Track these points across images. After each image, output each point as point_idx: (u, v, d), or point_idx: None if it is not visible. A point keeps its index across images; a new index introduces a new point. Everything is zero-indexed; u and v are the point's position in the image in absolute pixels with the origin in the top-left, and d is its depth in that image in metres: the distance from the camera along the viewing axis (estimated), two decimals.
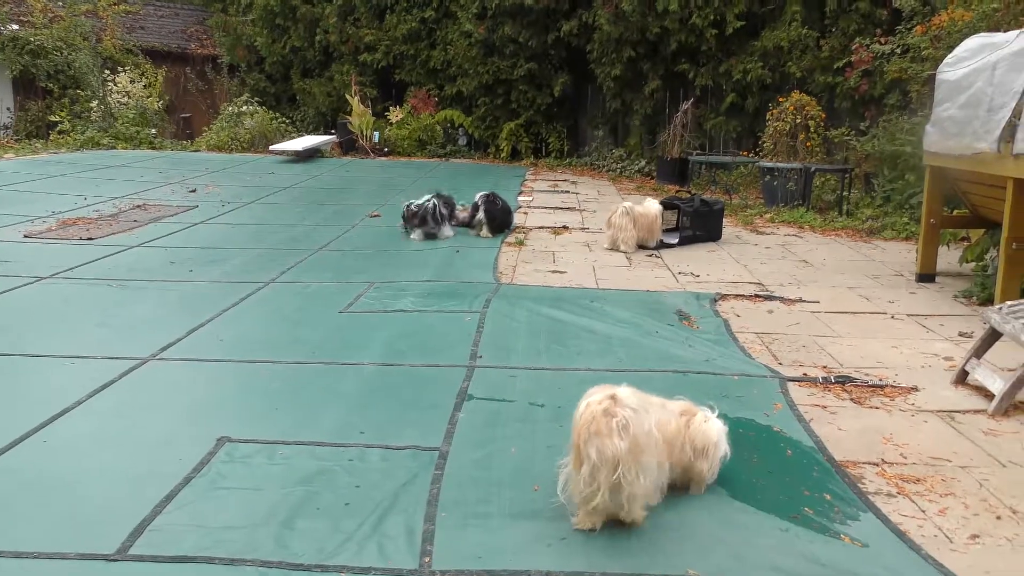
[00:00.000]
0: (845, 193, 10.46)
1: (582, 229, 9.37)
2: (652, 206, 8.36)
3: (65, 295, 6.16)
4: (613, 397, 2.87)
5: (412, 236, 8.53)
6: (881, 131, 10.47)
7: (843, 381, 4.57)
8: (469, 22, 16.63)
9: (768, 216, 10.33)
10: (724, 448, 3.26)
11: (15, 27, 19.74)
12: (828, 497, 3.26)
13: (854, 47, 11.45)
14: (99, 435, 3.71)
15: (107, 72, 19.77)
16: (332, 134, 17.95)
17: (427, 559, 2.74)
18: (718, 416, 3.34)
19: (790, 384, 4.50)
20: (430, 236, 8.49)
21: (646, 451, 2.85)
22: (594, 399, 2.89)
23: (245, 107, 18.44)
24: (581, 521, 2.95)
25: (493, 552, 2.79)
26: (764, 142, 11.70)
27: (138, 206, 10.33)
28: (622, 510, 2.91)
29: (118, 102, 18.83)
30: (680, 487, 3.25)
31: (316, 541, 2.83)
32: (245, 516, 2.98)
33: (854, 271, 7.41)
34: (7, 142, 18.46)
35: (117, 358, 4.67)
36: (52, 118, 18.82)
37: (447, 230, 8.63)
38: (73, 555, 2.72)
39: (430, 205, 8.50)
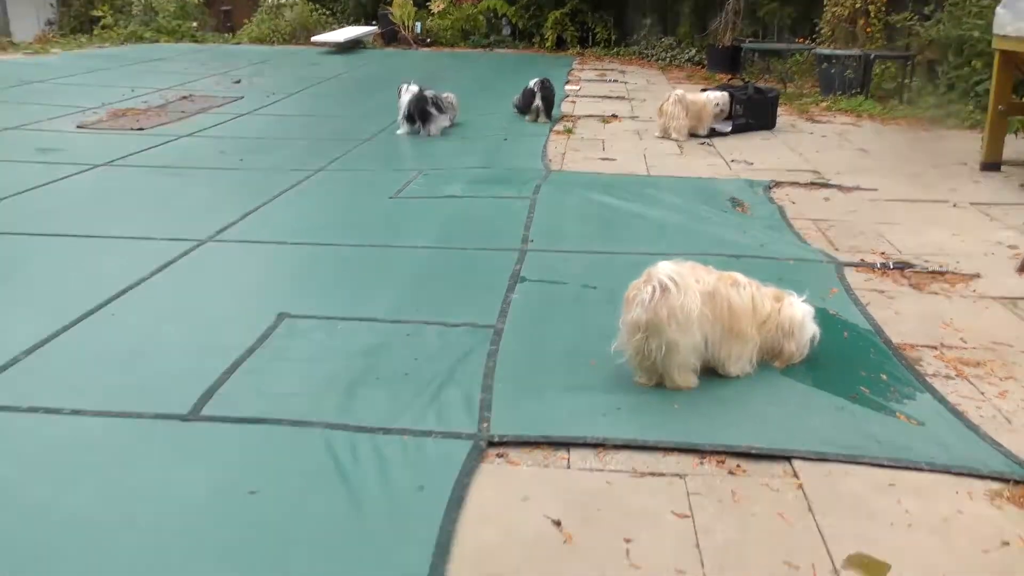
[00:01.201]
0: (906, 81, 10.04)
1: (631, 118, 9.17)
2: (704, 94, 8.13)
3: (121, 181, 6.25)
4: (649, 272, 3.01)
5: (399, 131, 8.11)
6: (947, 15, 9.93)
7: (902, 267, 4.48)
8: None
9: (824, 105, 9.99)
10: (812, 329, 3.29)
11: None
12: (884, 377, 3.24)
13: None
14: (163, 310, 3.81)
15: None
16: (373, 25, 17.60)
17: (485, 424, 2.80)
18: (805, 300, 3.35)
19: (847, 269, 4.43)
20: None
21: (670, 327, 2.92)
22: (653, 267, 3.02)
23: None
24: (637, 377, 3.13)
25: (549, 421, 2.85)
26: (821, 28, 11.21)
27: (184, 97, 10.33)
28: (661, 376, 3.06)
29: None
30: (769, 360, 3.30)
31: (377, 407, 2.91)
32: (308, 384, 3.07)
33: (914, 160, 7.18)
34: (53, 37, 18.44)
35: (176, 239, 4.75)
36: (95, 13, 18.70)
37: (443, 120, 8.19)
38: (150, 414, 2.83)
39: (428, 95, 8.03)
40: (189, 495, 2.41)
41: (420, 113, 7.98)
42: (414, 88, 8.04)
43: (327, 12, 18.55)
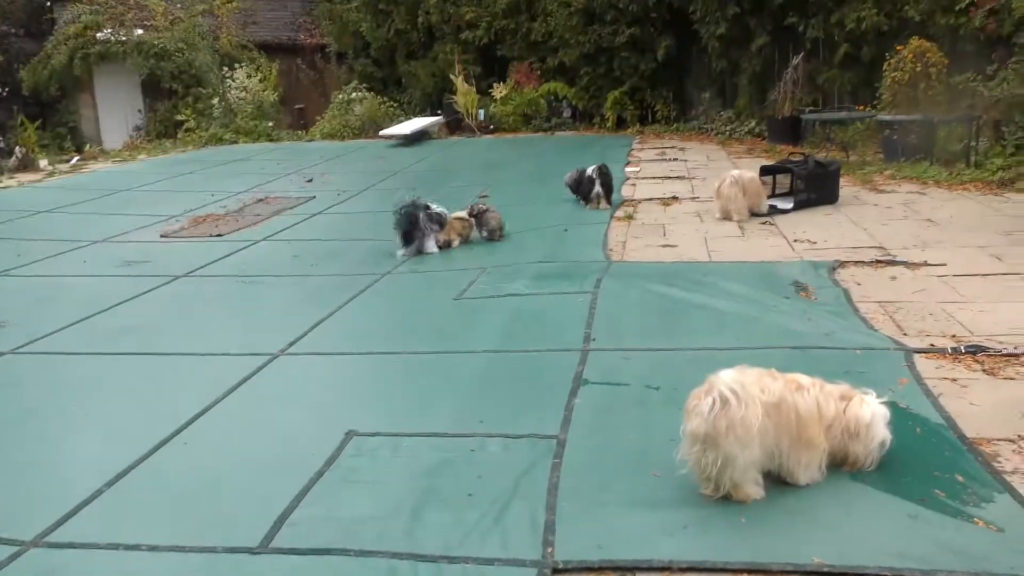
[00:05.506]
0: (972, 143, 9.86)
1: (692, 199, 9.21)
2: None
3: (199, 293, 6.56)
4: (711, 382, 3.02)
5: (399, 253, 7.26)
6: (1012, 73, 9.79)
7: (974, 351, 4.37)
8: None
9: (888, 173, 9.87)
10: (882, 434, 3.20)
11: (139, 32, 20.86)
12: (960, 478, 3.15)
13: None
14: (235, 433, 3.97)
15: (225, 69, 20.64)
16: (438, 115, 18.19)
17: (549, 550, 2.82)
18: (883, 402, 3.27)
19: (916, 356, 4.34)
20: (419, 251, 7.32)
21: (728, 440, 2.91)
22: (715, 377, 3.03)
23: (354, 94, 18.89)
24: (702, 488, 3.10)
25: (614, 542, 2.85)
26: (882, 94, 11.13)
27: (260, 200, 10.81)
28: (720, 487, 3.03)
29: (237, 97, 19.63)
30: (837, 464, 3.24)
31: (442, 532, 2.95)
32: (375, 508, 3.14)
33: (984, 228, 7.01)
34: (140, 143, 19.61)
35: (249, 354, 4.94)
36: (178, 117, 19.84)
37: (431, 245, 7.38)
38: (221, 548, 2.94)
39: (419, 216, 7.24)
40: None
41: (408, 232, 7.27)
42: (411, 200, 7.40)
43: (394, 104, 19.26)
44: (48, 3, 23.16)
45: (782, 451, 3.06)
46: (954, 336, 4.62)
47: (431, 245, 7.39)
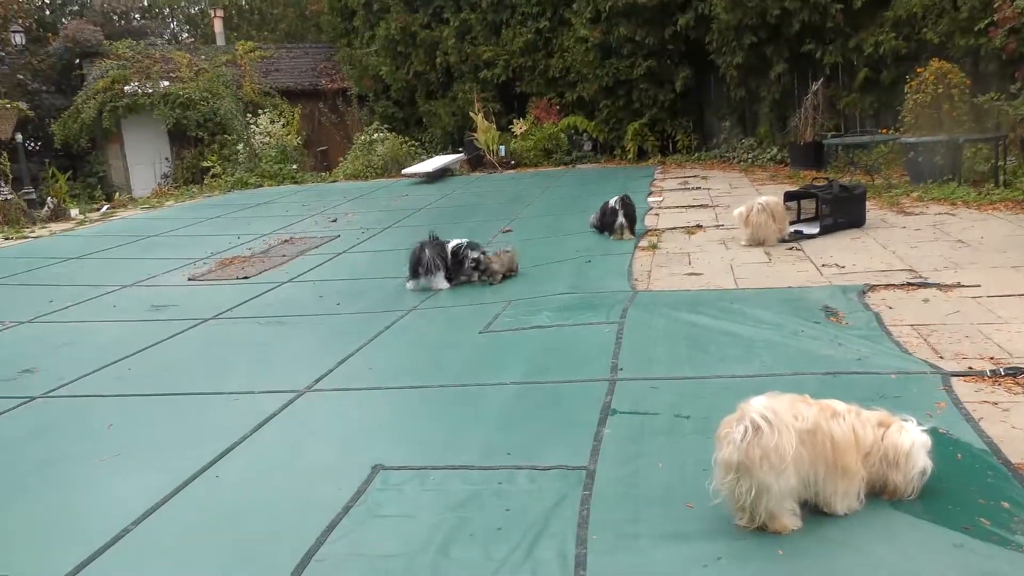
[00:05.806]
0: (1000, 162, 9.73)
1: (716, 227, 9.14)
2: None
3: (227, 335, 6.58)
4: (743, 409, 2.93)
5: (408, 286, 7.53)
6: None
7: (1014, 373, 4.25)
8: (584, 27, 16.63)
9: (915, 195, 9.75)
10: (923, 462, 3.09)
11: (165, 83, 21.35)
12: (1006, 505, 3.04)
13: (996, 4, 10.65)
14: (264, 468, 3.94)
15: (249, 115, 21.01)
16: (460, 152, 18.34)
17: None
18: (924, 429, 3.17)
19: (954, 380, 4.23)
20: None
21: (762, 469, 2.83)
22: (747, 404, 2.95)
23: (376, 135, 19.12)
24: (737, 519, 3.02)
25: (647, 575, 2.77)
26: (904, 116, 11.05)
27: (286, 240, 10.90)
28: (756, 518, 2.93)
29: (261, 142, 19.93)
30: (876, 493, 3.14)
31: (471, 568, 2.89)
32: (402, 544, 3.09)
33: (1018, 248, 6.87)
34: (168, 190, 19.93)
35: (277, 392, 4.94)
36: (205, 163, 20.19)
37: (440, 282, 7.44)
38: None
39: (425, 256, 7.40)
40: None
41: (416, 267, 7.46)
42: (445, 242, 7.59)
43: (416, 143, 19.46)
44: (78, 60, 23.82)
45: (818, 479, 2.97)
46: (992, 358, 4.51)
47: (439, 282, 7.43)
